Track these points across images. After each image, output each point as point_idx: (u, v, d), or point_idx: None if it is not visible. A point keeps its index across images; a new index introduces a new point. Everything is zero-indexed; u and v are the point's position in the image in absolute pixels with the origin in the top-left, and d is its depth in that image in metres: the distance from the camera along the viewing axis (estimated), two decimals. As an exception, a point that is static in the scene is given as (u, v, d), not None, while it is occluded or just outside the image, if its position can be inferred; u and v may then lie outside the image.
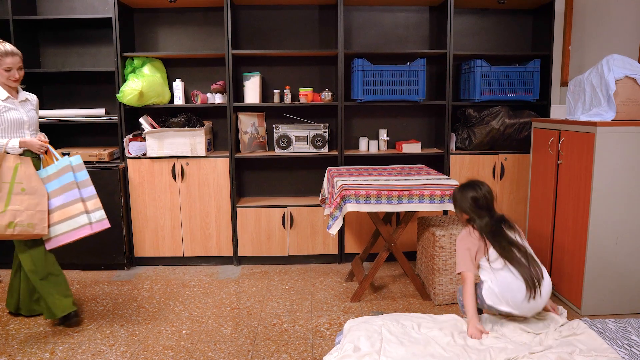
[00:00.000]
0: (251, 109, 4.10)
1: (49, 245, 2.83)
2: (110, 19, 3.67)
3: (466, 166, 3.91)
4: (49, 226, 2.79)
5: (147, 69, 3.75)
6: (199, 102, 3.90)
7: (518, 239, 2.32)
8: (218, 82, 3.94)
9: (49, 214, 2.80)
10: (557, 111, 3.94)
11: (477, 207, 2.36)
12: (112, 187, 3.72)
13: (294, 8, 4.02)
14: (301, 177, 4.24)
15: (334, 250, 3.95)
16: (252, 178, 4.22)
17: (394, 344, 1.92)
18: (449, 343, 1.98)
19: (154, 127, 3.80)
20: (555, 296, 3.26)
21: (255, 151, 4.06)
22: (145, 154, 3.79)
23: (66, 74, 3.98)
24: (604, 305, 2.95)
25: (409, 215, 3.18)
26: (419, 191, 2.99)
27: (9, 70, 2.74)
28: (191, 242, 3.91)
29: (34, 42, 3.99)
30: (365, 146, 4.05)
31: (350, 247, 3.96)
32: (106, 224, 2.96)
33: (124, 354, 2.59)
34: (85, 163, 3.72)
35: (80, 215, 2.84)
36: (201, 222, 3.88)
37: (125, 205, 3.80)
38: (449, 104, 3.86)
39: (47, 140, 2.91)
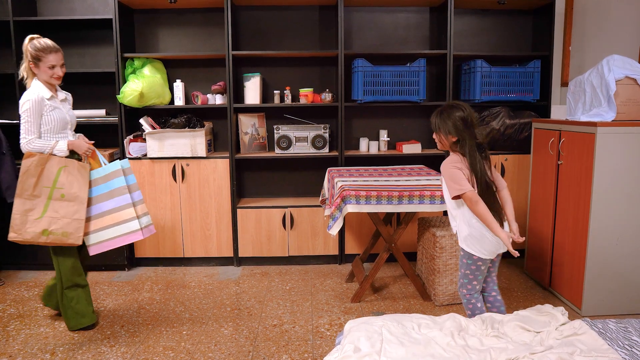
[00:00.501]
0: (251, 109, 4.10)
1: (92, 251, 2.77)
2: (111, 19, 3.67)
3: (466, 167, 3.90)
4: (91, 232, 2.73)
5: (147, 70, 3.75)
6: (199, 102, 3.90)
7: (488, 171, 2.32)
8: (218, 83, 3.95)
9: (94, 219, 2.74)
10: (557, 112, 3.94)
11: (466, 127, 2.27)
12: (113, 187, 3.72)
13: (294, 9, 4.02)
14: (301, 177, 4.24)
15: (334, 251, 3.95)
16: (252, 179, 4.22)
17: (394, 345, 1.91)
18: (449, 343, 1.98)
19: (155, 128, 3.80)
20: (555, 297, 3.26)
21: (256, 152, 4.06)
22: (146, 155, 3.79)
23: (66, 75, 3.90)
24: (604, 306, 2.95)
25: (409, 215, 3.18)
26: (419, 192, 2.98)
27: (52, 67, 2.63)
28: (191, 242, 3.91)
29: (35, 43, 3.98)
30: (366, 147, 4.05)
31: (351, 248, 3.96)
32: (153, 230, 2.92)
33: (125, 354, 2.59)
34: (85, 164, 3.75)
35: (131, 221, 2.77)
36: (201, 222, 3.88)
37: (125, 206, 3.80)
38: (449, 105, 3.86)
39: (91, 142, 2.83)
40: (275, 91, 3.96)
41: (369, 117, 4.18)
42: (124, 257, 3.82)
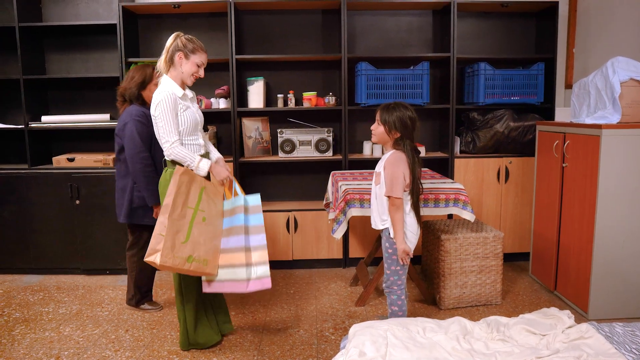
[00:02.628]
0: (255, 113, 4.11)
1: (208, 289, 2.49)
2: (115, 25, 3.69)
3: (470, 170, 3.89)
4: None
5: (151, 75, 3.76)
6: (203, 106, 3.91)
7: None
8: (222, 87, 3.96)
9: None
10: (561, 114, 3.92)
11: (412, 127, 2.44)
12: (117, 192, 3.73)
13: (298, 13, 4.03)
14: (305, 181, 4.24)
15: (338, 254, 3.95)
16: (256, 182, 4.22)
17: (399, 349, 1.91)
18: (454, 347, 1.97)
19: (159, 132, 3.81)
20: (561, 300, 3.24)
21: (259, 155, 4.06)
22: (150, 159, 3.79)
23: (71, 79, 4.00)
24: (611, 309, 2.93)
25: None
26: (423, 195, 2.98)
27: (199, 66, 2.51)
28: (196, 246, 3.90)
29: (39, 49, 4.01)
30: (370, 150, 4.04)
31: (355, 252, 3.95)
32: (267, 284, 2.43)
33: (129, 358, 2.58)
34: (90, 168, 3.77)
35: (239, 267, 2.42)
36: (206, 226, 3.87)
37: (130, 210, 3.80)
38: (452, 108, 3.86)
39: (230, 170, 2.61)
40: (278, 95, 3.96)
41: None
42: (129, 261, 3.83)
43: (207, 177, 2.55)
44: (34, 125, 3.82)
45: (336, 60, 3.98)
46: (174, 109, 2.42)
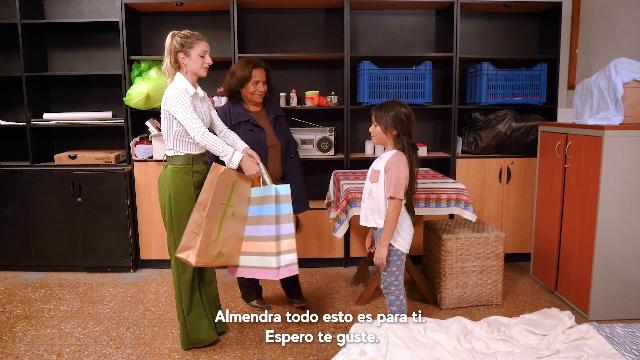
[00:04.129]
0: (257, 112, 4.10)
1: (236, 274, 2.55)
2: (117, 22, 3.69)
3: (472, 170, 3.89)
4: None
5: (153, 72, 3.76)
6: (205, 105, 3.90)
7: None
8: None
9: (244, 240, 2.53)
10: (564, 115, 3.92)
11: (408, 123, 2.42)
12: (119, 190, 3.73)
13: (300, 11, 4.03)
14: (307, 180, 4.23)
15: (339, 253, 3.95)
16: (257, 181, 4.22)
17: (400, 348, 1.91)
18: (455, 347, 1.97)
19: (160, 130, 3.81)
20: (562, 301, 3.24)
21: (261, 154, 4.06)
22: (152, 157, 3.80)
23: (73, 77, 4.00)
24: (611, 310, 2.93)
25: (415, 218, 3.16)
26: (425, 195, 2.98)
27: (203, 55, 2.48)
28: (197, 245, 3.90)
29: (42, 46, 4.02)
30: (372, 150, 4.04)
31: (356, 251, 3.95)
32: (295, 270, 2.50)
33: (130, 356, 2.59)
34: (91, 166, 3.77)
35: (269, 256, 2.46)
36: (207, 225, 3.88)
37: (131, 208, 3.81)
38: (455, 108, 3.86)
39: (257, 158, 2.57)
40: (281, 94, 3.96)
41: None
42: (130, 259, 3.83)
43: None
44: (35, 122, 3.82)
45: (339, 60, 3.97)
46: (190, 102, 2.42)
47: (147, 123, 3.79)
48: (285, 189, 2.52)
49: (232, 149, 2.45)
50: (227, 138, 2.69)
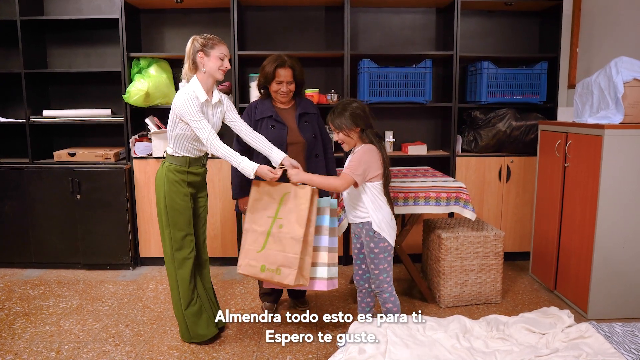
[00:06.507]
0: (257, 110, 4.09)
1: (264, 284, 2.63)
2: (117, 19, 3.68)
3: (472, 168, 3.89)
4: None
5: (153, 70, 3.75)
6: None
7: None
8: (224, 83, 3.95)
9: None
10: (564, 114, 3.92)
11: (364, 115, 2.38)
12: (118, 187, 3.73)
13: (301, 9, 4.02)
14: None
15: (339, 252, 3.94)
16: (257, 179, 4.22)
17: (399, 346, 1.91)
18: (454, 345, 1.97)
19: (160, 128, 3.81)
20: (561, 299, 3.24)
21: (261, 152, 4.05)
22: (151, 155, 3.79)
23: (73, 74, 4.00)
24: (610, 309, 2.93)
25: (415, 217, 3.17)
26: (425, 193, 2.98)
27: (222, 59, 2.46)
28: (196, 242, 3.90)
29: (41, 43, 4.01)
30: (371, 148, 4.03)
31: (355, 249, 3.94)
32: (336, 284, 2.60)
33: (129, 353, 2.59)
34: (91, 163, 3.77)
35: (321, 266, 2.52)
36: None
37: (130, 205, 3.81)
38: (455, 106, 3.85)
39: (280, 168, 2.49)
40: (280, 91, 3.95)
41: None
42: (129, 257, 3.83)
43: (284, 178, 2.50)
44: (35, 119, 3.81)
45: (339, 57, 3.96)
46: (199, 107, 2.41)
47: (147, 120, 3.79)
48: (335, 204, 2.60)
49: (244, 158, 2.41)
50: (258, 142, 2.61)
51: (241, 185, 2.82)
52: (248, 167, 2.39)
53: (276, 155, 2.56)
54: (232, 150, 2.45)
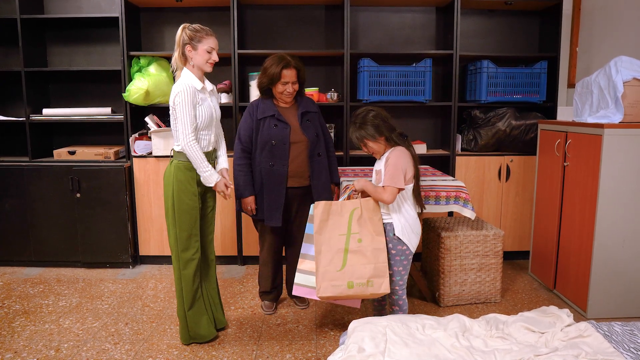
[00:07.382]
0: (257, 108, 4.09)
1: (294, 290, 2.59)
2: (117, 18, 3.68)
3: (472, 167, 3.89)
4: (298, 271, 2.54)
5: (153, 68, 3.75)
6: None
7: None
8: (224, 82, 3.95)
9: (301, 257, 2.56)
10: (563, 113, 3.92)
11: (384, 122, 2.38)
12: (118, 186, 3.73)
13: (300, 8, 4.02)
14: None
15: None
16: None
17: (398, 345, 1.91)
18: (453, 344, 1.97)
19: (160, 126, 3.81)
20: (560, 299, 3.24)
21: (261, 151, 4.05)
22: (151, 153, 3.79)
23: (73, 72, 4.00)
24: (610, 308, 2.93)
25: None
26: (425, 192, 2.97)
27: (210, 52, 2.47)
28: (196, 241, 3.90)
29: (41, 41, 4.01)
30: (371, 147, 4.03)
31: (355, 248, 3.94)
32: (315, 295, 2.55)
33: (129, 352, 2.59)
34: (90, 162, 3.78)
35: (312, 275, 2.52)
36: (206, 221, 3.88)
37: (130, 204, 3.81)
38: (454, 105, 3.85)
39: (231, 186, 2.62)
40: (280, 90, 3.95)
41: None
42: (129, 255, 3.83)
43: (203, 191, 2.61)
44: (35, 117, 3.81)
45: (339, 56, 3.97)
46: (191, 102, 2.43)
47: (147, 119, 3.79)
48: (311, 209, 2.57)
49: (210, 168, 2.49)
50: (221, 145, 2.75)
51: (246, 185, 2.83)
52: (211, 178, 2.49)
53: (220, 162, 2.73)
54: (204, 156, 2.48)
